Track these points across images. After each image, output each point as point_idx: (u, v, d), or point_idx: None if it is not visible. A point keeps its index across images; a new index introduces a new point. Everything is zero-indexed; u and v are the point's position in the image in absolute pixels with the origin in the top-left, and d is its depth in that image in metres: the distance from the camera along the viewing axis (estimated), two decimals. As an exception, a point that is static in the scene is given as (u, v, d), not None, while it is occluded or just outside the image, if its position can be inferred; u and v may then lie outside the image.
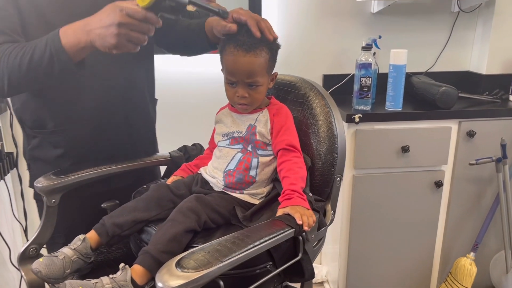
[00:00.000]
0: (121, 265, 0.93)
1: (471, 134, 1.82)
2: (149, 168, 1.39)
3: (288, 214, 0.96)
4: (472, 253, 1.91)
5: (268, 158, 1.13)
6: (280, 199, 1.02)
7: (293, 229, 0.93)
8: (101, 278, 0.90)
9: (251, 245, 0.84)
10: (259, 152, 1.12)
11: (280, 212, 0.98)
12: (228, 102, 1.23)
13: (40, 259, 0.97)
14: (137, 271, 0.93)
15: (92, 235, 1.05)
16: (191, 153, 1.36)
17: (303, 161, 1.08)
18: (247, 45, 1.07)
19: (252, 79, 1.09)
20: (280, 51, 1.10)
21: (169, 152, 1.37)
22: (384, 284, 2.02)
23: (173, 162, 1.35)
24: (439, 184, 1.87)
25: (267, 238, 0.87)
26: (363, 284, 2.01)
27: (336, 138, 1.12)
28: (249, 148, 1.12)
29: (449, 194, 1.92)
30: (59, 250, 1.00)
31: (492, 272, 2.02)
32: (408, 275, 2.02)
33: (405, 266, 2.00)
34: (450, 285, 1.94)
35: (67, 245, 1.02)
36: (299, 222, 0.93)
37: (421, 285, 2.05)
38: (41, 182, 1.12)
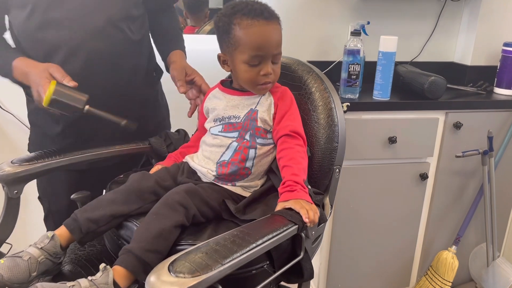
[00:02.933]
0: (102, 265, 0.80)
1: (457, 126, 1.78)
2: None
3: (290, 209, 0.86)
4: (454, 247, 1.89)
5: (267, 148, 1.01)
6: (280, 190, 0.91)
7: (296, 226, 0.83)
8: (79, 280, 0.78)
9: (254, 245, 0.74)
10: (258, 140, 1.00)
11: (280, 205, 0.88)
12: (218, 83, 1.11)
13: (1, 261, 0.82)
14: (118, 273, 0.81)
15: (62, 232, 0.92)
16: (173, 140, 1.24)
17: (305, 151, 0.98)
18: (266, 13, 0.96)
19: (279, 50, 0.99)
20: None
21: (148, 139, 1.24)
22: (365, 276, 1.97)
23: (153, 150, 1.22)
24: (424, 177, 1.82)
25: (270, 236, 0.77)
26: (344, 277, 1.95)
27: (337, 126, 1.04)
28: (247, 137, 1.00)
29: (433, 187, 1.88)
30: (24, 250, 0.86)
31: (472, 265, 2.02)
32: (389, 268, 1.98)
33: (386, 259, 1.96)
34: (431, 278, 1.91)
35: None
36: (306, 219, 0.83)
37: (401, 278, 2.02)
38: (1, 170, 0.97)
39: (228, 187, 1.01)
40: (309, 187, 0.97)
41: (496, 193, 1.88)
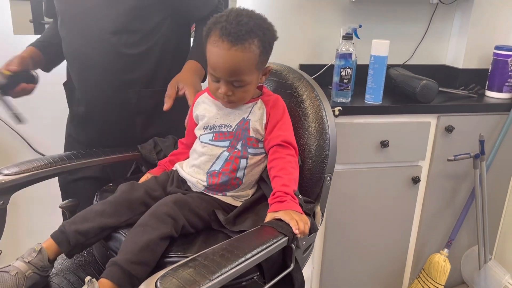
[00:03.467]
0: (87, 278, 0.79)
1: (449, 130, 1.78)
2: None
3: (280, 220, 0.85)
4: (446, 250, 1.89)
5: (258, 157, 1.00)
6: (270, 201, 0.90)
7: (287, 238, 0.82)
8: None
9: (243, 258, 0.72)
10: (250, 150, 0.99)
11: (270, 216, 0.87)
12: (207, 87, 1.09)
13: None
14: (104, 285, 0.79)
15: (49, 244, 0.90)
16: (163, 147, 1.22)
17: (297, 161, 0.97)
18: (234, 35, 0.89)
19: (236, 78, 0.93)
20: None
21: (137, 146, 1.22)
22: (358, 280, 1.97)
23: (143, 158, 1.20)
24: (416, 180, 1.83)
25: (259, 249, 0.76)
26: (337, 281, 1.95)
27: (328, 134, 1.03)
28: (238, 146, 0.98)
29: (425, 190, 1.89)
30: (11, 264, 0.84)
31: (464, 267, 2.02)
32: (382, 271, 1.98)
33: (378, 262, 1.96)
34: (423, 281, 1.91)
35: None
36: (296, 230, 0.82)
37: (394, 281, 2.02)
38: (-14, 181, 0.95)
39: (219, 197, 1.00)
40: (300, 196, 0.96)
41: (488, 196, 1.89)
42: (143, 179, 1.08)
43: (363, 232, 1.88)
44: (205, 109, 1.04)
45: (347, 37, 1.70)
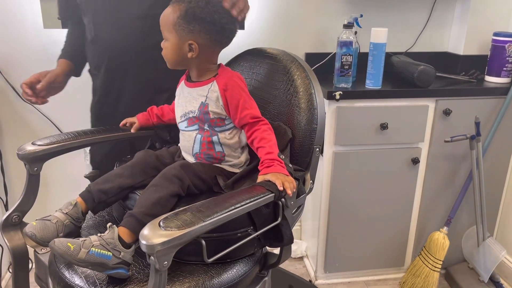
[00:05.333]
0: (109, 224, 0.95)
1: (447, 113, 1.88)
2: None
3: (269, 180, 0.99)
4: (445, 228, 1.98)
5: (228, 132, 1.14)
6: (259, 168, 1.05)
7: (273, 194, 0.96)
8: (89, 236, 0.93)
9: (232, 207, 0.87)
10: (217, 129, 1.13)
11: (260, 178, 1.01)
12: (187, 72, 1.22)
13: (33, 223, 0.99)
14: (122, 231, 0.95)
15: (79, 201, 1.07)
16: (174, 126, 1.38)
17: (270, 126, 1.10)
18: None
19: (163, 29, 1.10)
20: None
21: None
22: (362, 258, 2.09)
23: (157, 134, 1.36)
24: (415, 161, 1.93)
25: (247, 201, 0.90)
26: (341, 259, 2.07)
27: (316, 109, 1.15)
28: (206, 127, 1.13)
29: (425, 171, 1.98)
30: (51, 214, 1.02)
31: (464, 246, 2.11)
32: (385, 249, 2.09)
33: (382, 240, 2.07)
34: (424, 258, 2.01)
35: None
36: (280, 188, 0.96)
37: (397, 259, 2.13)
38: (22, 150, 1.13)
39: (217, 164, 1.14)
40: (290, 165, 1.09)
41: (487, 176, 1.97)
42: (123, 122, 1.34)
43: (366, 211, 2.00)
44: (179, 99, 1.20)
45: (348, 26, 1.82)
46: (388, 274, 2.15)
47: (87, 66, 1.54)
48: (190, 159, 1.16)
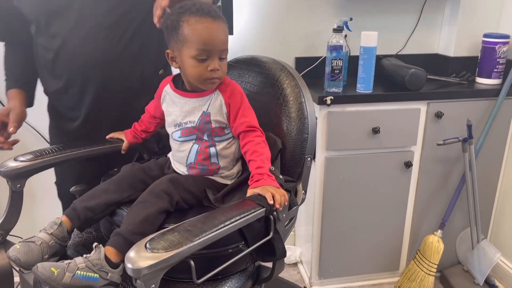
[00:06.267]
0: (94, 244, 0.92)
1: (439, 115, 1.86)
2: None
3: (259, 194, 0.97)
4: (439, 231, 1.97)
5: (226, 142, 1.11)
6: (249, 182, 1.02)
7: (264, 209, 0.93)
8: (75, 258, 0.89)
9: (222, 225, 0.84)
10: (216, 139, 1.10)
11: (250, 192, 0.99)
12: (170, 78, 1.17)
13: (17, 246, 0.95)
14: (109, 251, 0.92)
15: (64, 220, 1.03)
16: (162, 136, 1.34)
17: (265, 140, 1.08)
18: (213, 13, 1.01)
19: (225, 47, 1.04)
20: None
21: (140, 136, 1.34)
22: (356, 263, 2.07)
23: (145, 146, 1.33)
24: (408, 165, 1.91)
25: (238, 217, 0.87)
26: (336, 264, 2.05)
27: (307, 119, 1.13)
28: (205, 137, 1.09)
29: (418, 174, 1.97)
30: (35, 235, 0.98)
31: (458, 248, 2.10)
32: (379, 254, 2.07)
33: (376, 245, 2.05)
34: (419, 261, 2.00)
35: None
36: (270, 201, 0.93)
37: (391, 263, 2.11)
38: (4, 166, 1.09)
39: (209, 176, 1.11)
40: (280, 176, 1.06)
41: (480, 178, 1.96)
42: (110, 135, 1.30)
43: (360, 215, 1.98)
44: (169, 107, 1.14)
45: (338, 30, 1.80)
46: (383, 279, 2.13)
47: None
48: (183, 169, 1.13)
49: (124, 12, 1.25)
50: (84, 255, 0.90)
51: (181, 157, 1.12)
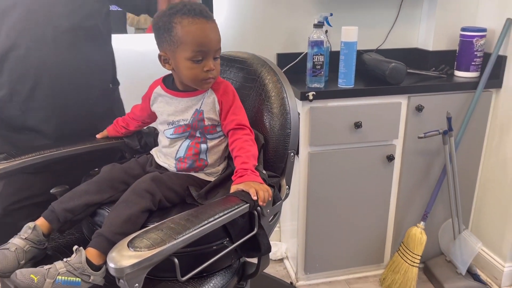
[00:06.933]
0: (75, 247, 0.90)
1: (419, 109, 1.89)
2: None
3: (243, 190, 0.96)
4: (422, 223, 2.00)
5: (217, 140, 1.12)
6: (233, 178, 1.02)
7: (248, 204, 0.93)
8: (55, 263, 0.88)
9: (205, 222, 0.84)
10: (208, 136, 1.11)
11: (233, 189, 0.98)
12: (160, 80, 1.17)
13: None
14: (91, 253, 0.91)
15: (42, 222, 1.01)
16: (144, 134, 1.33)
17: (253, 139, 1.08)
18: (204, 13, 1.01)
19: (219, 46, 1.04)
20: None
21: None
22: (342, 257, 2.09)
23: (126, 144, 1.31)
24: (390, 158, 1.93)
25: (221, 214, 0.87)
26: (321, 259, 2.06)
27: (289, 114, 1.13)
28: (197, 134, 1.10)
29: (400, 167, 1.99)
30: (9, 241, 0.95)
31: (441, 239, 2.13)
32: (364, 247, 2.09)
33: (361, 238, 2.07)
34: (403, 253, 2.02)
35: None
36: (254, 197, 0.93)
37: (376, 256, 2.13)
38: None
39: (192, 173, 1.11)
40: (264, 172, 1.07)
41: (461, 170, 2.00)
42: (99, 135, 1.28)
43: (344, 209, 1.99)
44: (163, 107, 1.14)
45: (318, 25, 1.80)
46: (368, 272, 2.15)
47: None
48: (170, 163, 1.12)
49: (84, 17, 1.21)
50: (65, 259, 0.88)
51: (171, 151, 1.12)
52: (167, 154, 1.13)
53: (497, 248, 2.06)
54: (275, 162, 1.13)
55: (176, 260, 0.81)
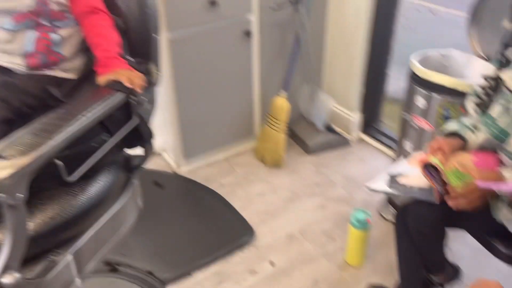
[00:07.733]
0: None
1: (269, -20, 1.90)
2: None
3: (114, 80, 0.90)
4: (283, 92, 2.15)
5: (70, 29, 0.98)
6: (96, 69, 0.93)
7: (124, 94, 0.88)
8: None
9: (80, 115, 0.77)
10: (58, 24, 0.96)
11: (101, 80, 0.91)
12: None
13: None
14: None
15: None
16: None
17: (111, 23, 0.98)
18: None
19: None
20: None
21: None
22: (217, 137, 2.18)
23: None
24: (248, 34, 1.96)
25: (96, 106, 0.81)
26: (199, 143, 2.13)
27: (146, -7, 1.04)
28: (44, 22, 0.95)
29: (259, 42, 2.05)
30: None
31: (301, 103, 2.34)
32: (235, 123, 2.21)
33: (231, 116, 2.17)
34: (271, 123, 2.18)
35: None
36: (129, 85, 0.88)
37: (246, 129, 2.27)
38: None
39: (48, 72, 0.98)
40: (132, 59, 1.00)
41: (312, 36, 2.13)
42: None
43: (212, 91, 2.03)
44: None
45: None
46: (243, 146, 2.30)
47: None
48: (18, 61, 0.96)
49: None
50: None
51: (14, 47, 0.96)
52: (10, 52, 0.97)
53: (345, 102, 2.34)
54: (140, 46, 1.06)
55: (59, 162, 0.75)
